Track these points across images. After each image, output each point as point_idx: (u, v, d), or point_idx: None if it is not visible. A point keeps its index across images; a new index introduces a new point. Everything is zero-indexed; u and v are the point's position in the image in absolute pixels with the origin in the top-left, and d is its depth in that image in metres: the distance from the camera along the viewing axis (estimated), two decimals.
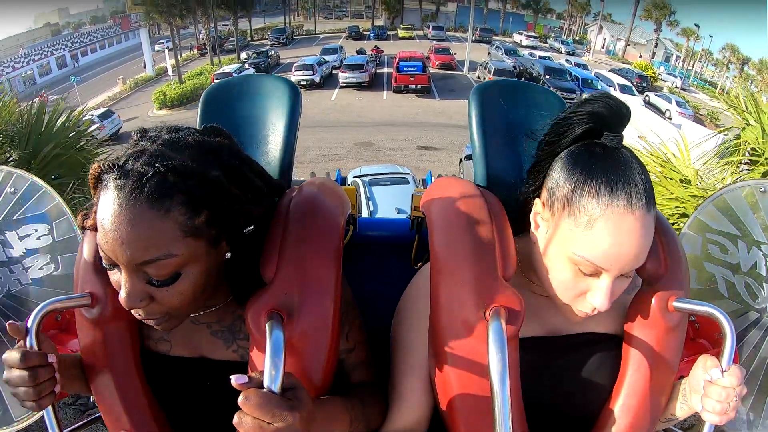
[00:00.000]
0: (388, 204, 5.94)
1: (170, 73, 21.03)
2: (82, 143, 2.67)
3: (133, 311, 0.62)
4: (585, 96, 0.69)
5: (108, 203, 0.56)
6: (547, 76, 18.29)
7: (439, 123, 13.85)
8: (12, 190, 1.06)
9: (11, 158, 2.40)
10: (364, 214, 5.76)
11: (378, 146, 11.71)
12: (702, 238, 1.09)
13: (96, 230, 0.64)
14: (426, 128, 13.28)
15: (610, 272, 0.63)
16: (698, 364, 0.67)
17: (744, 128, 2.41)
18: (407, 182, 6.64)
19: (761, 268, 1.05)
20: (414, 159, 10.47)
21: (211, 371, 0.75)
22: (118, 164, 0.57)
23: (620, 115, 0.64)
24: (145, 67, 24.63)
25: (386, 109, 15.93)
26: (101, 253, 0.60)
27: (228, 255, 0.66)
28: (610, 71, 23.76)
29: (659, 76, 28.27)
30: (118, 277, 0.60)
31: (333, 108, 16.10)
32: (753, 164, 2.34)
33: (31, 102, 2.65)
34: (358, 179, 6.56)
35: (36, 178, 1.06)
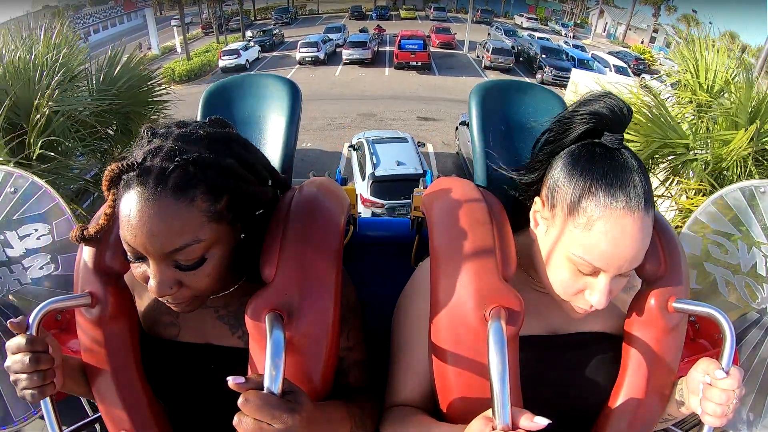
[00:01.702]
0: (389, 158, 6.59)
1: (179, 50, 21.44)
2: (148, 81, 3.21)
3: (161, 299, 0.65)
4: (587, 95, 0.69)
5: (133, 200, 0.59)
6: (544, 56, 18.53)
7: (438, 97, 14.15)
8: (12, 190, 1.06)
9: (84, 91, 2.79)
10: (368, 168, 6.43)
11: (380, 117, 12.20)
12: (702, 238, 1.09)
13: (94, 242, 0.69)
14: (426, 101, 13.60)
15: (608, 272, 0.63)
16: (697, 366, 0.67)
17: (683, 73, 3.08)
18: (407, 141, 7.32)
19: (761, 268, 1.05)
20: (414, 128, 10.98)
21: (215, 357, 0.76)
22: (137, 162, 0.59)
23: (621, 115, 0.64)
24: (140, 48, 24.83)
25: (388, 84, 16.24)
26: (126, 247, 0.62)
27: (242, 236, 0.69)
28: (607, 53, 24.17)
29: (658, 60, 28.64)
30: (144, 269, 0.63)
31: (337, 83, 16.40)
32: (691, 103, 3.01)
33: (109, 47, 3.26)
34: (362, 139, 7.21)
35: (36, 178, 1.07)
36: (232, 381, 0.55)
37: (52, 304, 0.68)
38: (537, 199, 0.71)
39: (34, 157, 2.11)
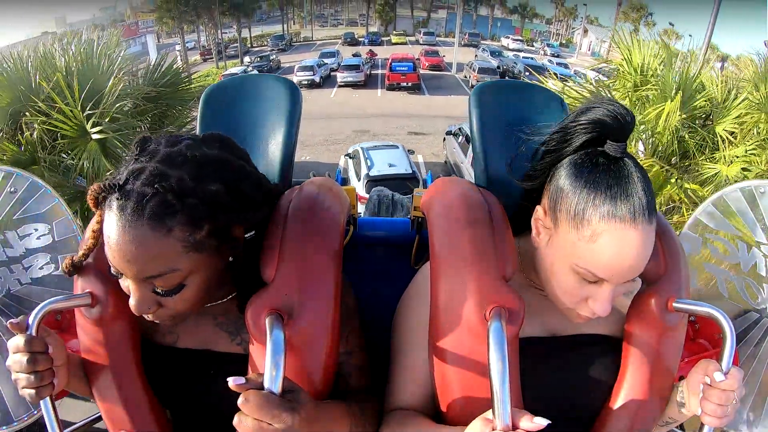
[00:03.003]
0: (382, 161, 7.28)
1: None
2: (186, 83, 3.68)
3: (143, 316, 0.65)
4: (588, 101, 0.68)
5: (112, 223, 0.58)
6: (527, 73, 19.70)
7: (427, 114, 14.86)
8: (12, 189, 1.06)
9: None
10: (363, 170, 7.03)
11: (373, 132, 12.89)
12: (702, 239, 1.09)
13: (80, 272, 0.72)
14: (416, 119, 14.41)
15: (612, 281, 0.63)
16: (697, 366, 0.67)
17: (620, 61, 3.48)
18: (398, 148, 8.13)
19: (761, 268, 1.05)
20: (405, 141, 11.27)
21: (215, 363, 0.75)
22: (118, 184, 0.59)
23: (624, 122, 0.63)
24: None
25: (380, 103, 17.01)
26: (110, 263, 0.62)
27: (231, 258, 0.68)
28: (590, 69, 25.20)
29: None
30: (128, 284, 0.63)
31: (332, 103, 17.13)
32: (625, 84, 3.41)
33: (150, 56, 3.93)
34: (358, 148, 8.01)
35: (36, 178, 1.07)
36: (232, 381, 0.55)
37: (52, 304, 0.67)
38: (538, 207, 0.70)
39: (107, 120, 2.73)
